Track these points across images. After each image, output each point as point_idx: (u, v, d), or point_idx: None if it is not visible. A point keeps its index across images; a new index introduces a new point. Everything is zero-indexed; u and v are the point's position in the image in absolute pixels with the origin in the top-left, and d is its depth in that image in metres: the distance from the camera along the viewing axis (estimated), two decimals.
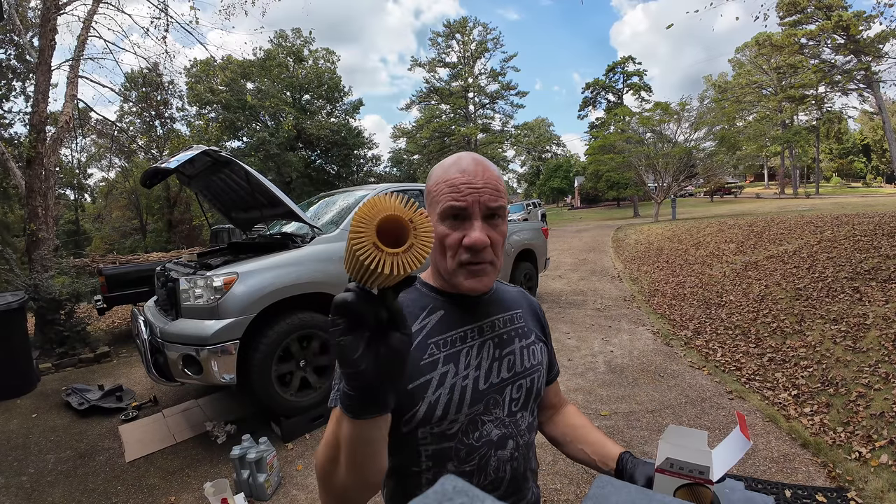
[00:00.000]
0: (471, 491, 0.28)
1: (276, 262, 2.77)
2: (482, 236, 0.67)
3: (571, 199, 46.58)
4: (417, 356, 0.70)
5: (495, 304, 0.81)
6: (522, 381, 0.77)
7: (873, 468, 2.09)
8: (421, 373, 0.69)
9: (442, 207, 0.69)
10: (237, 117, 20.06)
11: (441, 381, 0.69)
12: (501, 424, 0.73)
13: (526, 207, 22.74)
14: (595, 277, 7.65)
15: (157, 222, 22.12)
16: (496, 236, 0.70)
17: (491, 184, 0.69)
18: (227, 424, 2.89)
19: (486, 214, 0.69)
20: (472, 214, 0.68)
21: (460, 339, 0.73)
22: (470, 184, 0.68)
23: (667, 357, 3.73)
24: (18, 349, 3.78)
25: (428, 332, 0.72)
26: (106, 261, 8.41)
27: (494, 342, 0.76)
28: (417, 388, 0.68)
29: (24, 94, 11.54)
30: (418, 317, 0.73)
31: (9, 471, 2.55)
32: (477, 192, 0.68)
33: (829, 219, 8.15)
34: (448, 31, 31.78)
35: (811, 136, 29.50)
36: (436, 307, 0.75)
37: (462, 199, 0.67)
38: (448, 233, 0.69)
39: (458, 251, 0.69)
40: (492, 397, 0.73)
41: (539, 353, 0.82)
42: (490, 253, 0.69)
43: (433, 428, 0.69)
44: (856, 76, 19.86)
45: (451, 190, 0.68)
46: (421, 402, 0.68)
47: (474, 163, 0.70)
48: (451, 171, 0.70)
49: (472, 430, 0.71)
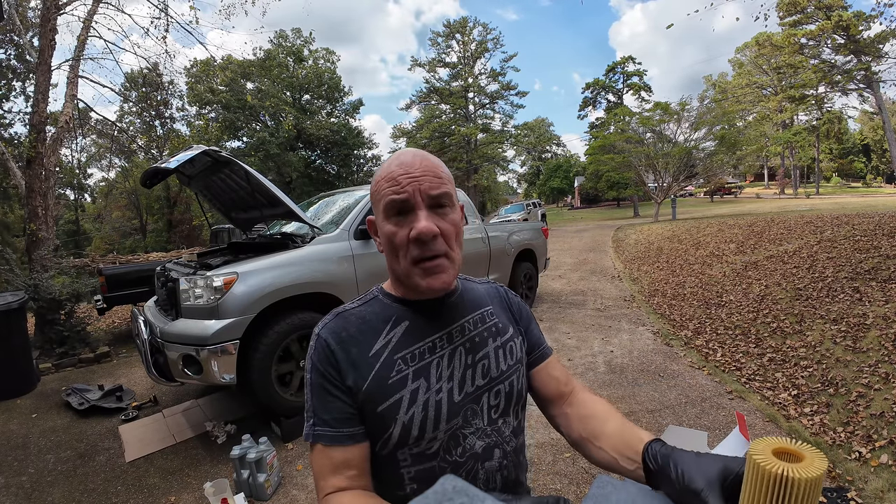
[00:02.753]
0: (470, 491, 0.28)
1: (276, 262, 2.77)
2: (429, 225, 0.63)
3: (571, 199, 46.58)
4: (384, 374, 0.66)
5: (463, 306, 0.76)
6: (500, 386, 0.72)
7: (873, 468, 2.09)
8: (390, 392, 0.65)
9: (384, 204, 0.66)
10: (237, 117, 20.07)
11: (413, 399, 0.65)
12: (484, 434, 0.69)
13: (526, 207, 22.75)
14: (595, 277, 7.65)
15: (157, 222, 22.14)
16: (446, 226, 0.66)
17: (430, 171, 0.66)
18: (227, 424, 2.89)
19: (430, 204, 0.65)
20: (415, 205, 0.64)
21: (429, 350, 0.69)
22: (408, 174, 0.64)
23: (667, 357, 3.73)
24: (18, 349, 3.77)
25: (393, 347, 0.68)
26: (106, 261, 8.41)
27: (466, 348, 0.72)
28: (388, 409, 0.64)
29: (24, 94, 11.55)
30: (381, 331, 0.69)
31: (9, 471, 2.55)
32: (416, 180, 0.64)
33: (829, 219, 8.15)
34: (448, 31, 31.76)
35: (811, 137, 29.50)
36: (400, 318, 0.71)
37: (402, 190, 0.64)
38: (395, 230, 0.65)
39: (409, 248, 0.65)
40: (469, 408, 0.69)
41: (518, 349, 0.77)
42: (442, 244, 0.65)
43: (411, 449, 0.66)
44: (856, 76, 19.84)
45: (390, 184, 0.65)
46: (393, 424, 0.64)
47: (412, 155, 0.68)
48: (391, 167, 0.67)
49: (454, 445, 0.67)
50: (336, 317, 0.71)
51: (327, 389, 0.65)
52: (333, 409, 0.65)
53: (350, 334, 0.69)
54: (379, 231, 0.69)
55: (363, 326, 0.70)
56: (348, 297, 3.02)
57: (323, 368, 0.66)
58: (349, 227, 3.24)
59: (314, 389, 0.66)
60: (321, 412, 0.65)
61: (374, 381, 0.65)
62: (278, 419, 2.75)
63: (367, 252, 3.22)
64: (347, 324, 0.70)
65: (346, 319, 0.71)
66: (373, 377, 0.65)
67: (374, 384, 0.65)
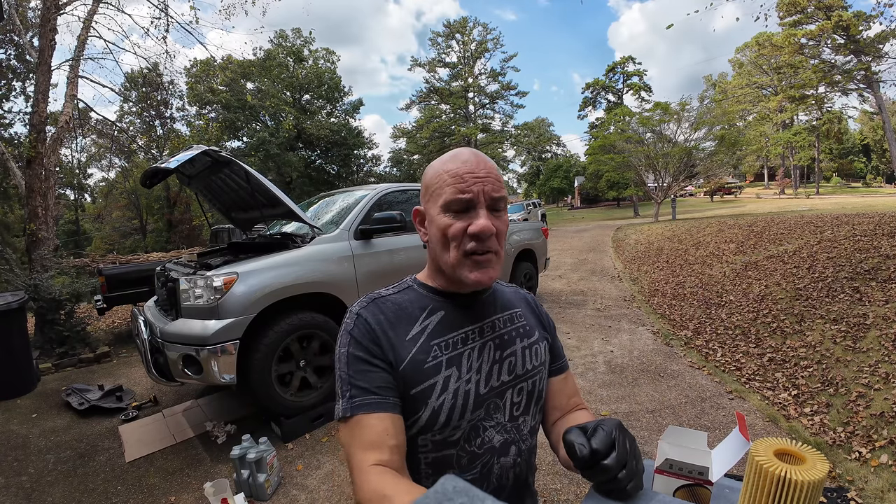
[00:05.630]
0: (471, 491, 0.28)
1: (276, 262, 2.77)
2: (489, 223, 0.66)
3: (571, 199, 46.55)
4: (421, 358, 0.67)
5: (494, 304, 0.78)
6: (523, 384, 0.74)
7: (873, 468, 2.09)
8: (425, 377, 0.67)
9: (446, 199, 0.67)
10: (237, 117, 20.07)
11: (445, 386, 0.67)
12: (503, 430, 0.71)
13: (526, 207, 22.70)
14: (595, 277, 7.65)
15: (157, 222, 22.14)
16: (500, 226, 0.69)
17: (493, 174, 0.69)
18: (227, 424, 2.89)
19: (490, 204, 0.68)
20: (477, 203, 0.67)
21: (462, 340, 0.71)
22: (473, 173, 0.67)
23: (667, 357, 3.73)
24: (18, 349, 3.77)
25: (430, 334, 0.70)
26: (106, 261, 8.40)
27: (495, 343, 0.74)
28: (421, 392, 0.66)
29: (24, 94, 11.55)
30: (418, 318, 0.71)
31: (9, 471, 2.55)
32: (481, 181, 0.67)
33: (829, 219, 8.15)
34: (448, 31, 31.80)
35: (811, 137, 29.50)
36: (435, 308, 0.73)
37: (467, 188, 0.66)
38: (451, 223, 0.67)
39: (463, 240, 0.67)
40: (492, 402, 0.71)
41: (542, 352, 0.79)
42: (494, 242, 0.68)
43: (434, 435, 0.67)
44: (856, 76, 19.84)
45: (454, 180, 0.67)
46: (424, 407, 0.66)
47: (474, 155, 0.70)
48: (452, 164, 0.69)
49: (475, 436, 0.69)
50: (373, 301, 0.73)
51: (368, 361, 0.67)
52: (376, 378, 0.65)
53: (387, 317, 0.70)
54: (430, 221, 0.71)
55: (400, 312, 0.72)
56: (348, 297, 3.02)
57: (365, 343, 0.67)
58: (349, 227, 3.24)
59: (352, 362, 0.66)
60: (361, 382, 0.65)
61: (410, 364, 0.67)
62: (278, 419, 2.75)
63: (367, 252, 3.22)
64: (384, 307, 0.72)
65: (382, 304, 0.73)
66: (409, 360, 0.67)
67: (410, 367, 0.67)
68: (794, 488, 0.42)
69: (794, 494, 0.43)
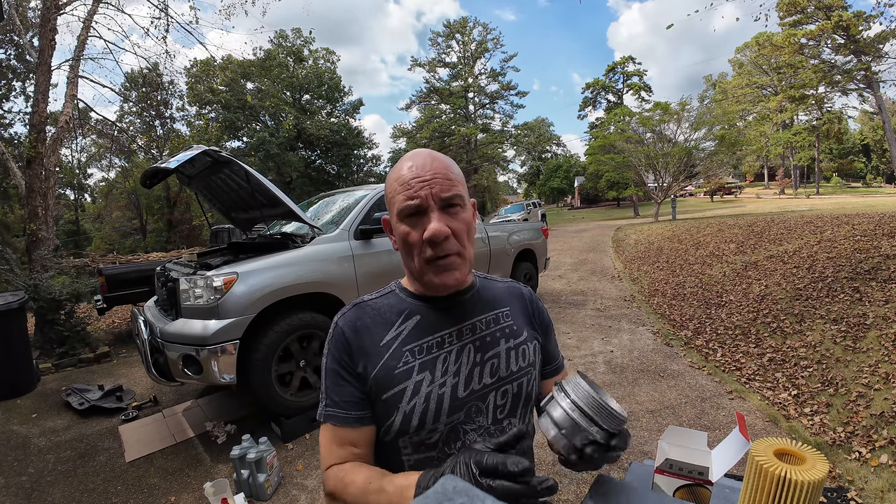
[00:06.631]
0: (471, 491, 0.29)
1: (276, 262, 2.77)
2: (440, 226, 0.65)
3: (571, 199, 46.54)
4: (392, 365, 0.69)
5: (478, 305, 0.77)
6: (508, 386, 0.73)
7: (873, 468, 2.09)
8: (395, 382, 0.68)
9: (398, 207, 0.68)
10: (237, 117, 20.07)
11: (416, 390, 0.67)
12: (486, 433, 0.70)
13: (526, 207, 22.71)
14: (595, 277, 7.65)
15: (157, 222, 22.11)
16: (458, 225, 0.68)
17: (440, 173, 0.67)
18: (227, 424, 2.89)
19: (442, 205, 0.67)
20: (428, 207, 0.66)
21: (437, 344, 0.71)
22: (419, 177, 0.66)
23: (667, 357, 3.73)
24: (18, 349, 3.77)
25: (403, 339, 0.71)
26: (106, 261, 8.41)
27: (476, 346, 0.73)
28: (392, 397, 0.67)
29: (24, 94, 11.54)
30: (394, 323, 0.72)
31: (9, 471, 2.55)
32: (427, 183, 0.66)
33: (829, 219, 8.14)
34: (448, 31, 31.76)
35: (811, 137, 29.48)
36: (413, 312, 0.73)
37: (414, 194, 0.66)
38: (408, 231, 0.68)
39: (422, 247, 0.67)
40: (473, 405, 0.70)
41: (532, 353, 0.78)
42: (454, 243, 0.68)
43: (412, 438, 0.68)
44: (856, 76, 19.83)
45: (403, 188, 0.67)
46: (396, 411, 0.67)
47: (422, 157, 0.69)
48: (400, 171, 0.69)
49: (454, 439, 0.69)
50: (354, 307, 0.76)
51: (340, 374, 0.71)
52: (345, 394, 0.70)
53: (365, 324, 0.73)
54: (394, 230, 0.73)
55: (378, 318, 0.73)
56: (348, 297, 3.02)
57: (338, 355, 0.71)
58: (349, 227, 3.24)
59: (329, 374, 0.72)
60: (333, 395, 0.71)
61: (382, 370, 0.69)
62: (278, 419, 2.75)
63: (367, 252, 3.22)
64: (364, 314, 0.74)
65: (363, 310, 0.75)
66: (381, 366, 0.69)
67: (382, 372, 0.69)
68: (794, 488, 0.42)
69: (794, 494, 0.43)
